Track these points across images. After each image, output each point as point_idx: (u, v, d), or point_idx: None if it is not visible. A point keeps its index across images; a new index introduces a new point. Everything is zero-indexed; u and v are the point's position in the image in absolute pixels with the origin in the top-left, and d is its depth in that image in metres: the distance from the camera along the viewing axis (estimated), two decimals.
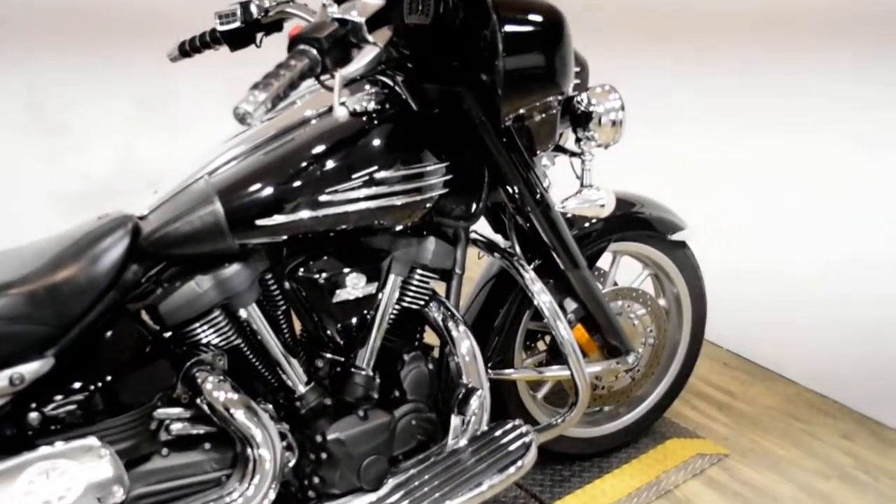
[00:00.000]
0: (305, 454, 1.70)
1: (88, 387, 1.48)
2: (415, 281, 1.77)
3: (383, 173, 1.61)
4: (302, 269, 1.65)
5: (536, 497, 2.20)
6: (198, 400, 1.56)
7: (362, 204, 1.59)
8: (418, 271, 1.77)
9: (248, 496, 1.57)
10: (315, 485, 1.70)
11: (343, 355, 1.76)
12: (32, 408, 1.43)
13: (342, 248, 1.69)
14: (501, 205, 1.91)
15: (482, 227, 1.93)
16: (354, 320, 1.73)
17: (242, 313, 1.61)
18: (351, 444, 1.69)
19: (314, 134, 1.61)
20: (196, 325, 1.59)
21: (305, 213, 1.55)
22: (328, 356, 1.76)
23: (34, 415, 1.43)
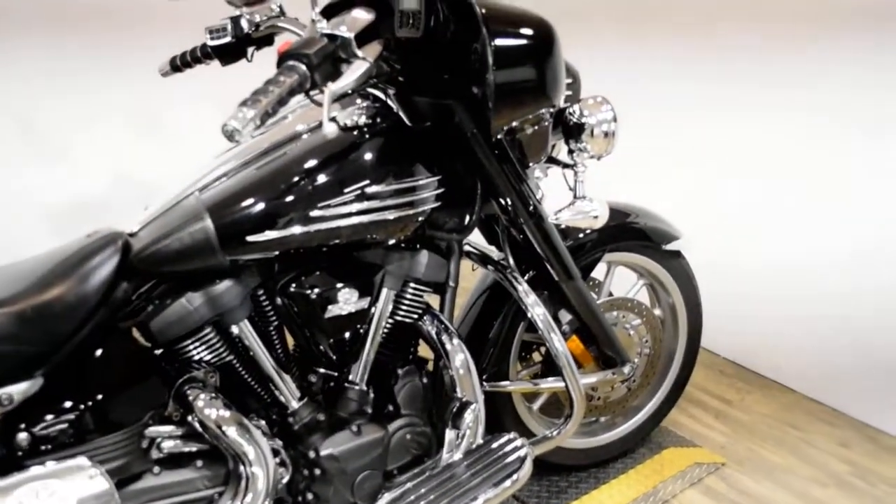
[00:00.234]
0: (299, 470, 1.69)
1: (78, 406, 1.47)
2: (408, 294, 1.76)
3: (375, 188, 1.60)
4: (294, 285, 1.64)
5: None
6: (189, 417, 1.55)
7: (354, 219, 1.58)
8: (411, 285, 1.76)
9: None
10: (309, 501, 1.69)
11: (336, 370, 1.75)
12: (21, 428, 1.42)
13: (334, 263, 1.68)
14: (495, 216, 1.90)
15: (476, 237, 1.93)
16: (347, 335, 1.72)
17: (234, 329, 1.61)
18: (345, 460, 1.68)
19: (305, 149, 1.60)
20: (187, 343, 1.58)
21: (297, 228, 1.54)
22: (321, 371, 1.75)
23: (23, 435, 1.42)
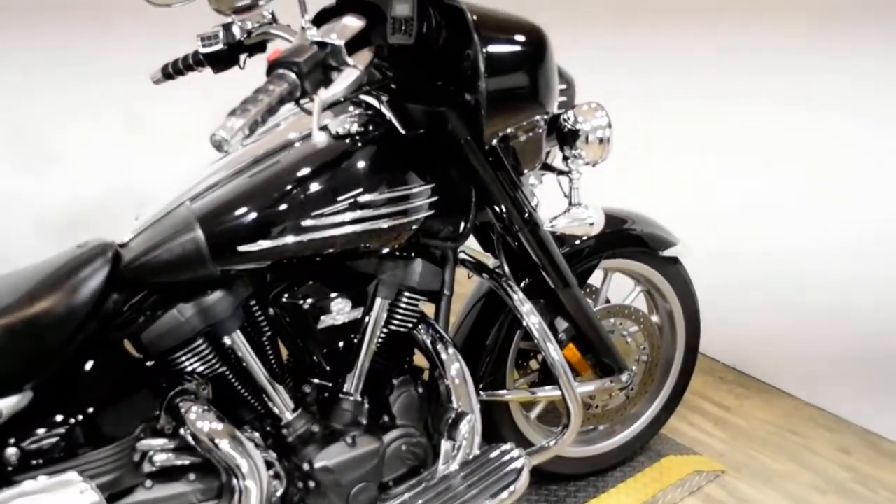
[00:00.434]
0: (293, 483, 1.66)
1: (69, 420, 1.46)
2: (402, 304, 1.75)
3: (368, 196, 1.58)
4: (286, 295, 1.62)
5: None
6: (181, 430, 1.53)
7: (347, 228, 1.57)
8: (406, 294, 1.74)
9: None
10: None
11: (330, 380, 1.73)
12: (11, 443, 1.40)
13: (327, 273, 1.66)
14: (490, 224, 1.89)
15: (471, 244, 1.91)
16: (341, 345, 1.70)
17: (227, 340, 1.59)
18: (339, 472, 1.66)
19: (297, 157, 1.59)
20: (179, 354, 1.56)
21: (288, 238, 1.52)
22: (315, 382, 1.73)
23: (12, 450, 1.40)
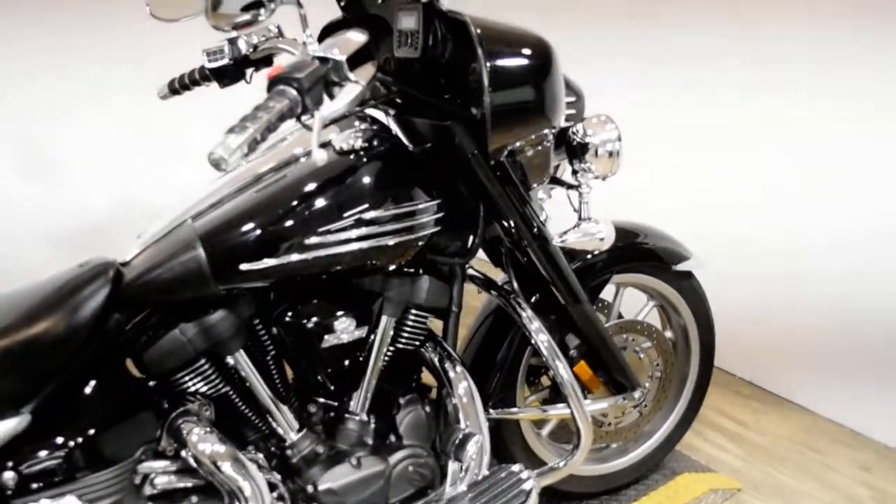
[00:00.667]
0: None
1: (68, 443, 1.43)
2: (409, 321, 1.71)
3: (373, 213, 1.55)
4: (290, 314, 1.60)
5: None
6: (183, 452, 1.51)
7: (352, 245, 1.54)
8: (412, 311, 1.71)
9: None
10: None
11: (336, 400, 1.70)
12: (8, 466, 1.38)
13: (331, 291, 1.63)
14: (499, 238, 1.85)
15: (480, 258, 1.87)
16: (347, 363, 1.68)
17: (229, 360, 1.56)
18: (344, 494, 1.63)
19: (300, 174, 1.56)
20: (182, 374, 1.54)
21: (291, 256, 1.50)
22: (320, 401, 1.70)
23: (9, 474, 1.38)
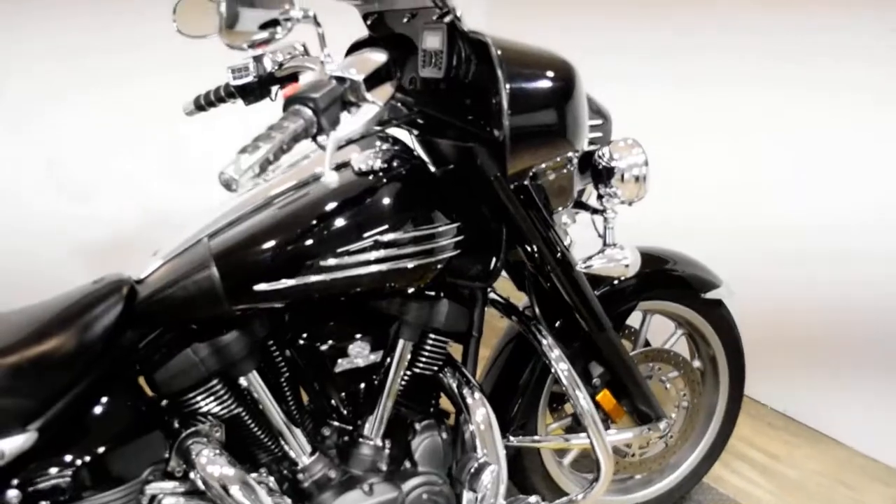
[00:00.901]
0: None
1: (75, 461, 1.41)
2: (427, 345, 1.68)
3: (392, 235, 1.52)
4: (304, 337, 1.57)
5: None
6: (192, 474, 1.48)
7: (371, 267, 1.51)
8: (431, 335, 1.68)
9: None
10: None
11: (350, 424, 1.67)
12: (13, 485, 1.37)
13: (347, 313, 1.60)
14: (522, 263, 1.81)
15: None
16: (362, 387, 1.65)
17: (242, 381, 1.54)
18: None
19: (318, 195, 1.53)
20: (194, 394, 1.52)
21: (307, 277, 1.47)
22: (335, 425, 1.67)
23: (14, 492, 1.36)
